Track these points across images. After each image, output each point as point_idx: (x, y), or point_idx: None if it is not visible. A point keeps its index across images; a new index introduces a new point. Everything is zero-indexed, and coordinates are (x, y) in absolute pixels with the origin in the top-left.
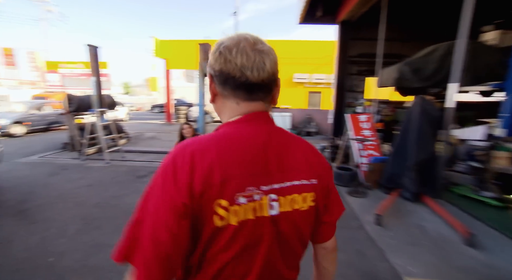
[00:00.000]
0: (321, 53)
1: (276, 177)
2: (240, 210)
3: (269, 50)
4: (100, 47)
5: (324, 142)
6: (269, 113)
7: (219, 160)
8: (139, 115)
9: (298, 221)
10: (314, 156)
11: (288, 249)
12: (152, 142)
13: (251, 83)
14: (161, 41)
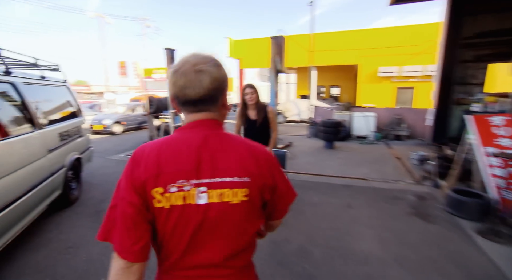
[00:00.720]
0: (414, 40)
1: (207, 173)
2: (171, 196)
3: (208, 69)
4: (176, 50)
5: (422, 150)
6: (213, 120)
7: (158, 158)
8: None
9: (228, 211)
10: (250, 157)
11: (219, 233)
12: None
13: (192, 99)
14: (235, 41)
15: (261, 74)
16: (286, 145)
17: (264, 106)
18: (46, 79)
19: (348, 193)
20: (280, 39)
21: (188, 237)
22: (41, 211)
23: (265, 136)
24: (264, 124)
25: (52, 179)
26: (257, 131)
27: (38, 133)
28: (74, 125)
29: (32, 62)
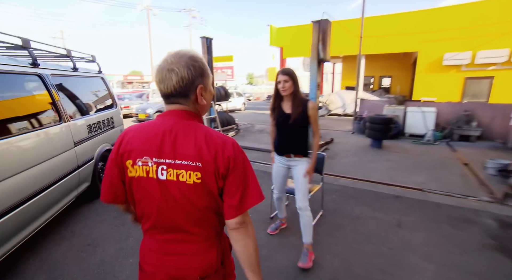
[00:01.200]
0: (495, 17)
1: (168, 155)
2: (139, 169)
3: (178, 69)
4: (213, 39)
5: (502, 156)
6: (183, 111)
7: (133, 138)
8: (256, 105)
9: (184, 189)
10: (205, 146)
11: (179, 207)
12: (259, 136)
13: (164, 93)
14: (277, 29)
15: (305, 63)
16: (327, 141)
17: (304, 100)
18: (79, 70)
19: (399, 206)
20: (324, 23)
21: (156, 206)
22: (69, 202)
23: (301, 139)
24: (301, 123)
25: (79, 171)
26: (290, 130)
27: (65, 126)
28: (106, 117)
29: (63, 53)
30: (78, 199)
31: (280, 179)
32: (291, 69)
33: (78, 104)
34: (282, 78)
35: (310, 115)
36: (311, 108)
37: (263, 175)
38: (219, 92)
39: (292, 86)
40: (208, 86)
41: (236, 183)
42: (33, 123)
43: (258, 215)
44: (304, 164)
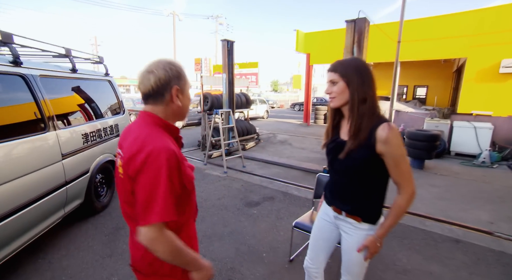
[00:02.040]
0: None
1: (121, 146)
2: (118, 156)
3: (157, 71)
4: (235, 42)
5: None
6: (148, 113)
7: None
8: (279, 113)
9: (120, 179)
10: (131, 145)
11: (124, 193)
12: (281, 148)
13: (143, 93)
14: (305, 34)
15: None
16: None
17: (373, 122)
18: (80, 72)
19: (463, 258)
20: (360, 23)
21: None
22: (54, 223)
23: (362, 190)
24: (360, 163)
25: (67, 187)
26: (341, 170)
27: (50, 135)
28: (109, 124)
29: (61, 53)
30: (72, 216)
31: (321, 243)
32: (352, 60)
33: (74, 111)
34: (328, 78)
35: (381, 153)
36: (384, 139)
37: (282, 197)
38: (239, 99)
39: (344, 92)
40: (184, 90)
41: (142, 190)
42: (5, 132)
43: (274, 254)
44: (362, 233)
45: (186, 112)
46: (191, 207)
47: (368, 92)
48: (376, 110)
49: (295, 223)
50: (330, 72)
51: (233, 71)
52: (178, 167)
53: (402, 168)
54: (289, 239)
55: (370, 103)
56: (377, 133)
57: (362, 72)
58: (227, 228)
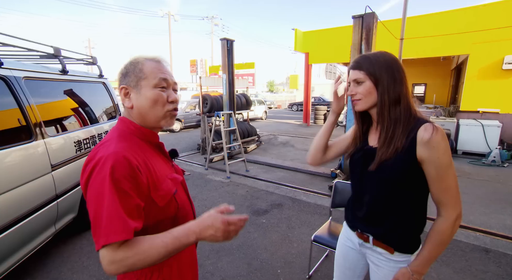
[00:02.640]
0: None
1: None
2: None
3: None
4: (234, 41)
5: None
6: (122, 117)
7: None
8: (277, 114)
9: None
10: (88, 157)
11: None
12: (284, 150)
13: None
14: (303, 33)
15: (327, 71)
16: None
17: (412, 124)
18: (70, 73)
19: (497, 271)
20: (368, 18)
21: None
22: (43, 242)
23: (397, 209)
24: (396, 174)
25: (58, 202)
26: (372, 184)
27: (36, 145)
28: (105, 129)
29: (51, 53)
30: (64, 230)
31: (348, 273)
32: (380, 54)
33: (65, 116)
34: (351, 77)
35: (422, 160)
36: (426, 141)
37: (291, 204)
38: (240, 100)
39: (372, 93)
40: (138, 88)
41: (89, 207)
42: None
43: (290, 270)
44: (394, 266)
45: (148, 114)
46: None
47: (401, 91)
48: (413, 111)
49: (314, 236)
50: (354, 70)
51: (233, 71)
52: (132, 176)
53: (448, 182)
54: (304, 252)
55: (405, 105)
56: (418, 135)
57: (393, 67)
58: (235, 240)
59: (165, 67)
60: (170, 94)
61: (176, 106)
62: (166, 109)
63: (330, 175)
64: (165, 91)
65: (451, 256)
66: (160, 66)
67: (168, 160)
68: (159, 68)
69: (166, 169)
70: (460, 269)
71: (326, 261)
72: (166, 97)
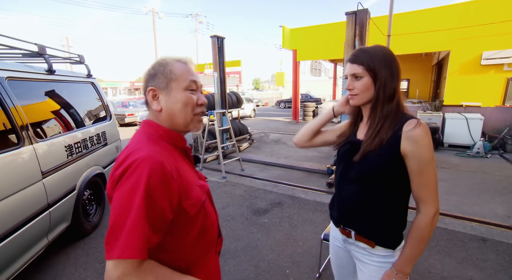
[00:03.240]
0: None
1: None
2: None
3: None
4: (225, 38)
5: None
6: (147, 120)
7: None
8: (265, 111)
9: None
10: (117, 161)
11: None
12: (277, 148)
13: None
14: (291, 30)
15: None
16: None
17: (398, 119)
18: (57, 73)
19: (496, 259)
20: (361, 14)
21: None
22: (36, 255)
23: (378, 204)
24: (377, 168)
25: (50, 211)
26: (353, 178)
27: (25, 151)
28: (96, 132)
29: (35, 51)
30: (58, 240)
31: (342, 271)
32: (379, 49)
33: (53, 118)
34: (349, 71)
35: (405, 154)
36: (410, 136)
37: (291, 202)
38: (231, 99)
39: (369, 89)
40: (168, 90)
41: (112, 211)
42: None
43: (298, 270)
44: (379, 260)
45: (177, 117)
46: (206, 236)
47: (396, 87)
48: (401, 107)
49: (324, 235)
50: (353, 64)
51: (224, 69)
52: (167, 184)
53: (427, 178)
54: (310, 250)
55: (397, 100)
56: (404, 129)
57: (391, 62)
58: (239, 242)
59: (193, 69)
60: (200, 97)
61: (205, 109)
62: (195, 112)
63: (327, 172)
64: (195, 94)
65: (452, 247)
66: (189, 68)
67: (193, 166)
68: (188, 70)
69: (193, 176)
70: (462, 259)
71: None
72: (196, 100)
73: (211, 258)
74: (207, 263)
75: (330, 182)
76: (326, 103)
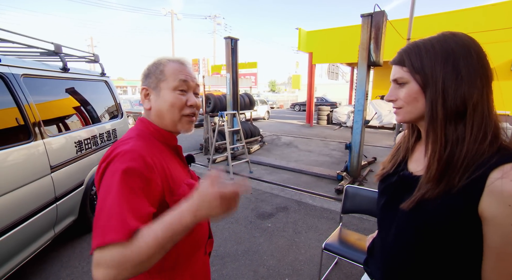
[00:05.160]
0: None
1: None
2: None
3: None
4: (239, 39)
5: None
6: (141, 117)
7: None
8: (280, 114)
9: None
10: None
11: None
12: (287, 151)
13: None
14: (307, 33)
15: (330, 71)
16: (369, 161)
17: (489, 156)
18: (71, 71)
19: None
20: (378, 17)
21: None
22: (42, 247)
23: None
24: (438, 225)
25: (57, 204)
26: (402, 232)
27: (36, 145)
28: (107, 129)
29: (51, 50)
30: (64, 233)
31: None
32: (438, 39)
33: (65, 115)
34: (392, 75)
35: (485, 217)
36: (499, 192)
37: (297, 207)
38: (243, 100)
39: (418, 99)
40: (157, 89)
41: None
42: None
43: (298, 279)
44: None
45: (165, 117)
46: (193, 236)
47: (470, 96)
48: (492, 131)
49: (325, 244)
50: (396, 66)
51: (237, 70)
52: (146, 176)
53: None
54: (312, 258)
55: (477, 119)
56: (491, 177)
57: (457, 57)
58: (240, 245)
59: (187, 69)
60: (190, 98)
61: (195, 111)
62: (182, 113)
63: (336, 178)
64: (184, 94)
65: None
66: (182, 68)
67: (185, 165)
68: (180, 70)
69: (183, 174)
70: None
71: (336, 269)
72: (185, 100)
73: (199, 259)
74: (194, 263)
75: (339, 188)
76: (342, 108)
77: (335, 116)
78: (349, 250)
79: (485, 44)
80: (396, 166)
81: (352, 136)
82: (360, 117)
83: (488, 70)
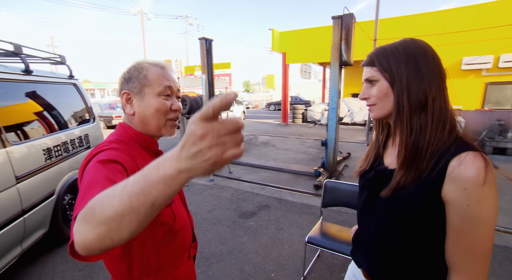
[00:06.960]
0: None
1: None
2: None
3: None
4: (213, 40)
5: None
6: (121, 122)
7: None
8: (255, 114)
9: None
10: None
11: None
12: (265, 150)
13: None
14: (280, 33)
15: (303, 70)
16: (344, 157)
17: (448, 146)
18: (35, 74)
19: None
20: (347, 19)
21: None
22: (7, 265)
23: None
24: (412, 207)
25: (25, 217)
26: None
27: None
28: (78, 135)
29: (10, 50)
30: (34, 247)
31: None
32: (400, 43)
33: (30, 120)
34: (364, 75)
35: (446, 201)
36: (462, 179)
37: (278, 204)
38: None
39: (388, 95)
40: (141, 94)
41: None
42: None
43: (283, 273)
44: None
45: (149, 122)
46: (176, 239)
47: (429, 90)
48: (450, 122)
49: (308, 238)
50: (366, 67)
51: (212, 71)
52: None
53: (472, 243)
54: (296, 253)
55: (436, 110)
56: (451, 166)
57: (417, 57)
58: (225, 245)
59: (169, 74)
60: (174, 103)
61: (178, 114)
62: (167, 117)
63: (314, 174)
64: (169, 99)
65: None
66: (165, 73)
67: None
68: (164, 75)
69: None
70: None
71: (319, 261)
72: (169, 105)
73: (183, 263)
74: (178, 267)
75: (317, 184)
76: (316, 106)
77: (309, 114)
78: (331, 241)
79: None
80: (372, 162)
81: (327, 134)
82: (334, 115)
83: (442, 70)
